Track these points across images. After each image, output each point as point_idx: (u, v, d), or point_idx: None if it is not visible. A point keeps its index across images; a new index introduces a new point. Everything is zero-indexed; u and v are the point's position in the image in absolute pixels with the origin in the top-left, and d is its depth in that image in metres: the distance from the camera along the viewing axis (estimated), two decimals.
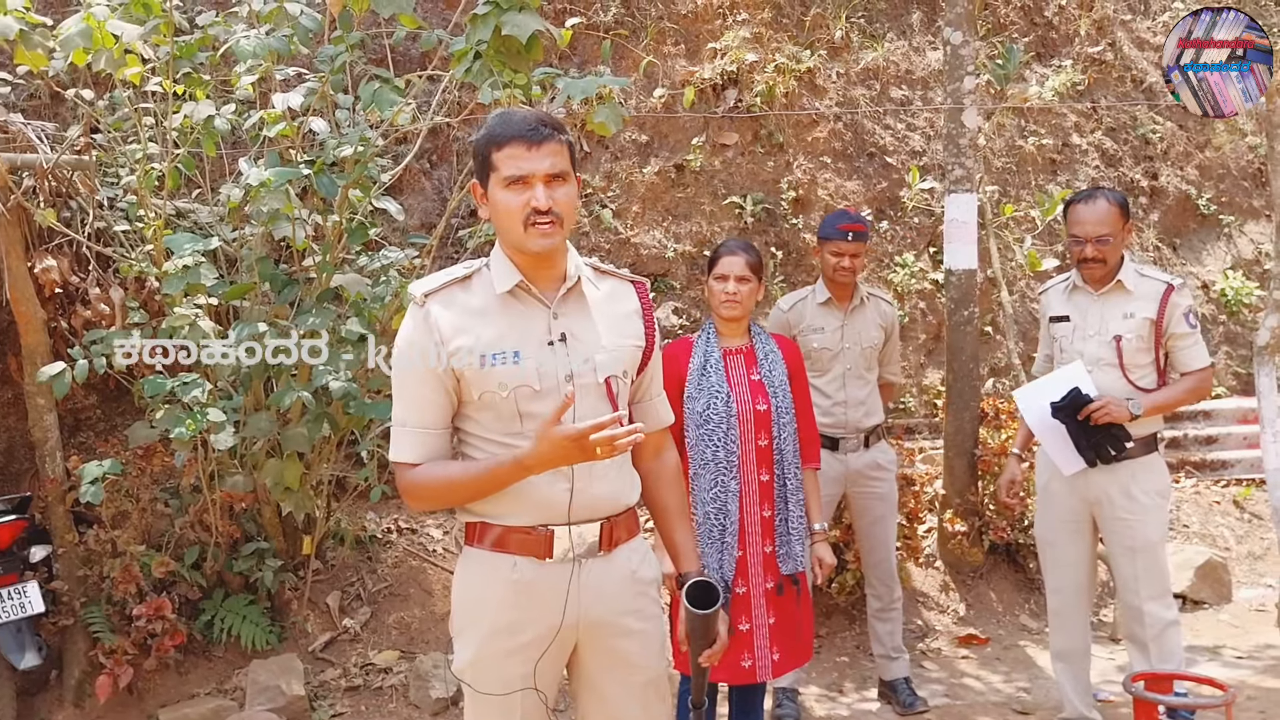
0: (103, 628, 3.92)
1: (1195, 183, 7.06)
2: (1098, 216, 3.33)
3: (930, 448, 5.47)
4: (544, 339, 2.01)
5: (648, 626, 2.12)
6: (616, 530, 2.07)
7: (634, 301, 2.18)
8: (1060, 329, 3.52)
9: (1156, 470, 3.40)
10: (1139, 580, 3.35)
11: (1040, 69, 6.94)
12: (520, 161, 1.94)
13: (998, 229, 6.23)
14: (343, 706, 4.05)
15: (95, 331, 3.80)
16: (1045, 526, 3.58)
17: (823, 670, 4.42)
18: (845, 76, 6.33)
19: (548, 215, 1.94)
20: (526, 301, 2.04)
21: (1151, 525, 3.35)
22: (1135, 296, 3.36)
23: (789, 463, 3.10)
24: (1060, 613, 3.57)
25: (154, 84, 3.62)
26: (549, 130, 1.96)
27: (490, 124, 2.01)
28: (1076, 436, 3.31)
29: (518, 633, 2.01)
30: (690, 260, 5.77)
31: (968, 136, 4.89)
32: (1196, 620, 4.93)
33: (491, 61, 3.06)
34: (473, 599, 2.06)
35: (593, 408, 2.01)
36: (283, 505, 4.09)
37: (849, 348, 3.90)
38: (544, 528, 2.01)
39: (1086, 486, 3.41)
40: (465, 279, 2.05)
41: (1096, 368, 3.37)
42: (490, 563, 2.04)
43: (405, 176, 5.40)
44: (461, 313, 2.01)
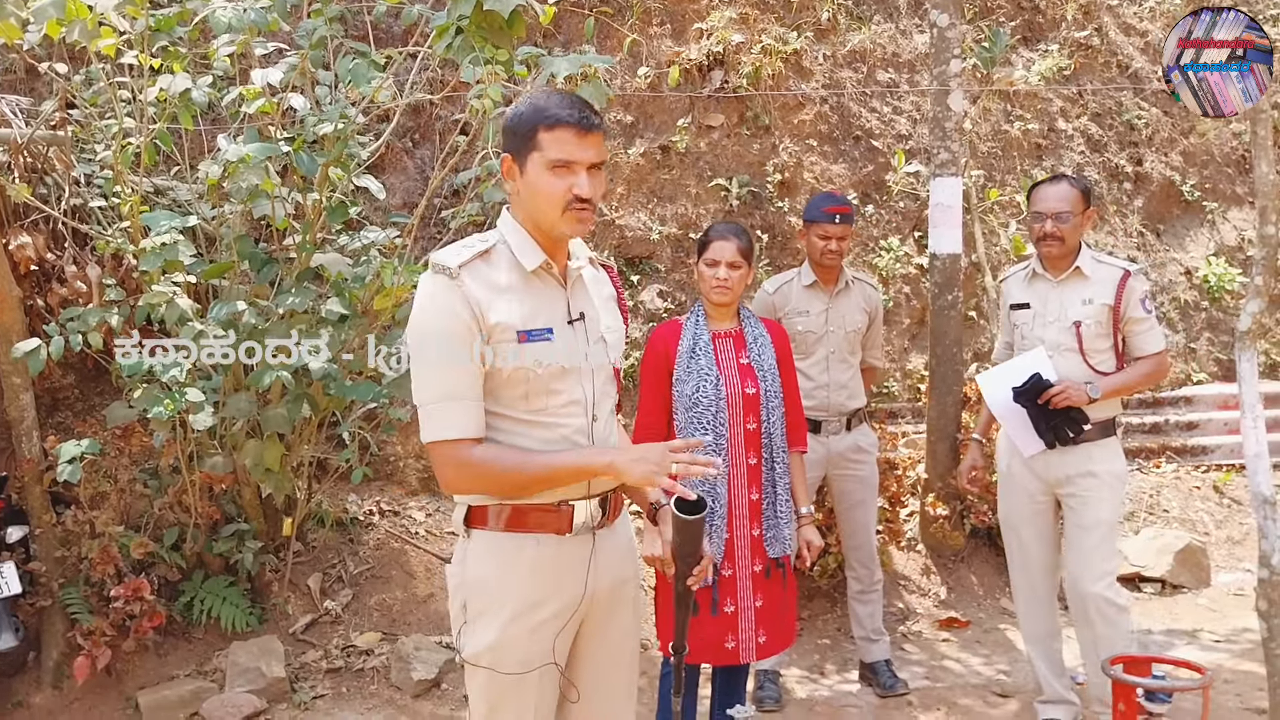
0: (81, 609, 3.89)
1: (1179, 169, 7.07)
2: (1059, 194, 3.43)
3: (913, 432, 5.48)
4: (565, 318, 2.04)
5: (639, 594, 2.21)
6: (616, 503, 2.13)
7: (609, 286, 2.22)
8: (1020, 316, 3.59)
9: (1113, 453, 3.48)
10: (1088, 559, 3.39)
11: (1027, 53, 6.92)
12: (570, 147, 1.94)
13: (983, 214, 6.23)
14: (324, 688, 4.03)
15: (72, 309, 3.75)
16: (1008, 509, 3.65)
17: (804, 652, 4.43)
18: (832, 59, 6.30)
19: (587, 204, 1.96)
20: (547, 281, 2.05)
21: (1106, 504, 3.41)
22: (1093, 282, 3.43)
23: (777, 446, 3.10)
24: (1026, 595, 3.65)
25: (130, 57, 3.56)
26: (598, 121, 1.98)
27: (540, 101, 1.99)
28: (1036, 419, 3.41)
29: (541, 609, 2.03)
30: (675, 243, 5.75)
31: (953, 120, 4.87)
32: (1175, 604, 4.97)
33: (473, 37, 3.01)
34: (491, 581, 2.04)
35: (604, 385, 2.09)
36: (263, 487, 4.06)
37: (833, 331, 3.89)
38: (565, 504, 2.03)
39: (1046, 467, 3.48)
40: (486, 253, 2.02)
41: (1057, 353, 3.44)
42: (507, 544, 2.03)
43: (387, 155, 5.36)
44: (489, 288, 1.98)
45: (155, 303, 3.46)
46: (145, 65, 3.61)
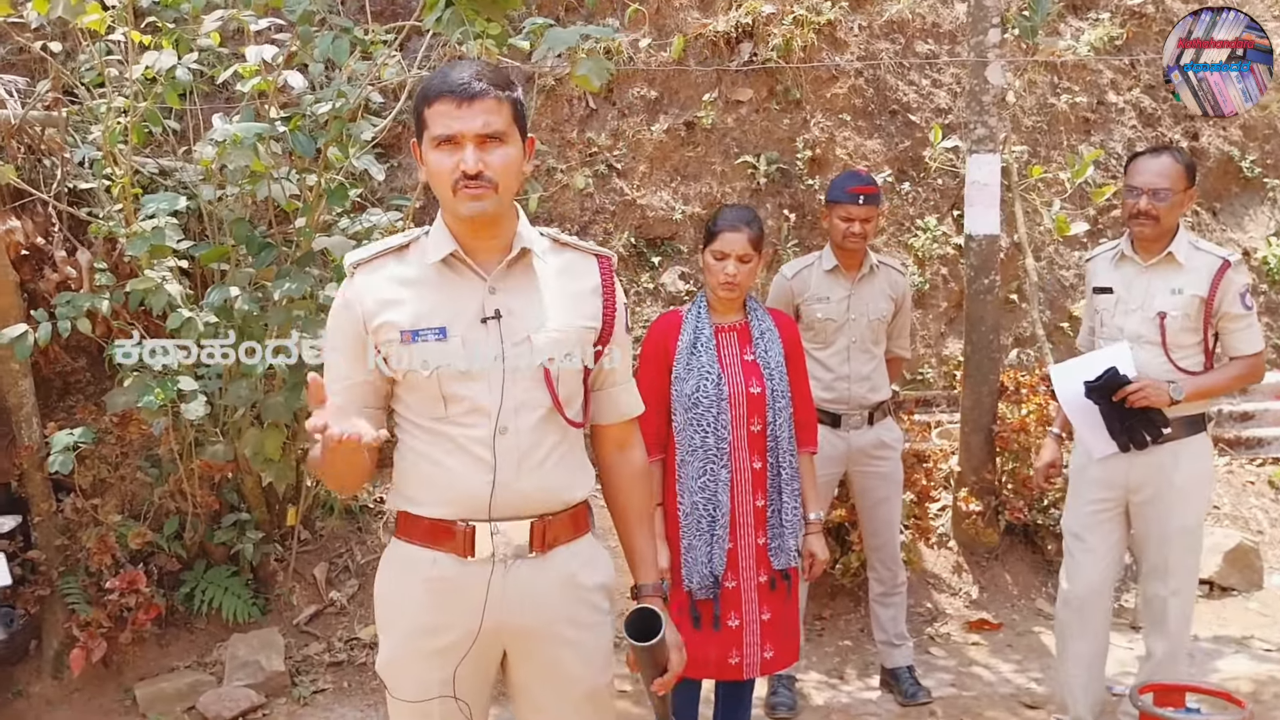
0: (79, 599, 3.82)
1: (1238, 144, 6.67)
2: (1159, 169, 3.08)
3: (947, 421, 5.23)
4: (477, 315, 1.83)
5: (585, 636, 1.93)
6: (552, 530, 1.88)
7: (594, 277, 1.96)
8: (1103, 301, 3.26)
9: (1201, 454, 3.16)
10: (1168, 570, 3.14)
11: (1076, 22, 6.56)
12: (449, 120, 1.75)
13: (1024, 191, 5.92)
14: (324, 682, 3.94)
15: (65, 294, 3.65)
16: (1075, 515, 3.31)
17: (823, 655, 4.24)
18: (868, 29, 6.01)
19: (477, 179, 1.76)
20: (462, 273, 1.85)
21: (1189, 511, 3.13)
22: (1186, 271, 3.11)
23: (784, 450, 2.89)
24: (1082, 609, 3.29)
25: (120, 34, 3.43)
26: (483, 86, 1.76)
27: (430, 78, 1.83)
28: (1109, 419, 3.10)
29: (436, 635, 1.85)
30: (699, 223, 5.53)
31: (991, 93, 4.59)
32: (1224, 608, 4.69)
33: (463, 10, 2.83)
34: (392, 594, 1.92)
35: (527, 393, 1.83)
36: (264, 476, 3.95)
37: (855, 319, 3.67)
38: (465, 523, 1.83)
39: (1120, 470, 3.17)
40: (402, 248, 1.90)
41: (1137, 345, 3.11)
42: (411, 556, 1.88)
43: (402, 135, 5.20)
44: (391, 284, 1.85)
45: (144, 289, 3.34)
46: (135, 42, 3.49)
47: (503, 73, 1.85)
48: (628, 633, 1.90)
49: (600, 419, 2.01)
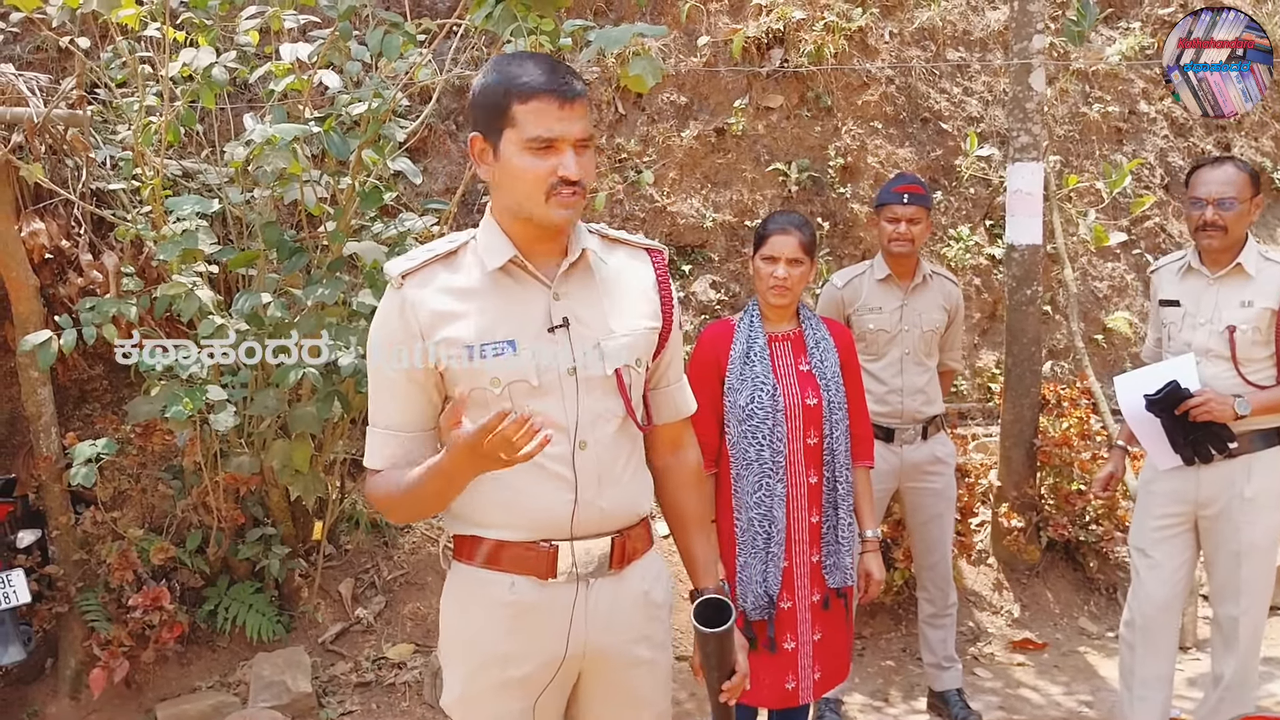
0: (99, 616, 3.69)
1: (1271, 155, 6.59)
2: (1223, 178, 2.98)
3: (984, 435, 5.11)
4: (543, 325, 1.70)
5: (658, 656, 1.84)
6: (630, 544, 1.77)
7: (649, 274, 1.84)
8: (1170, 314, 3.16)
9: (1275, 467, 3.02)
10: (1240, 590, 3.03)
11: (1107, 31, 6.47)
12: (550, 121, 1.61)
13: (1060, 201, 5.82)
14: (353, 704, 3.79)
15: (88, 299, 3.52)
16: (1141, 531, 3.19)
17: (866, 676, 4.11)
18: (899, 36, 5.91)
19: (575, 186, 1.63)
20: (522, 280, 1.72)
21: (1261, 527, 3.00)
22: (1256, 282, 3.00)
23: (840, 464, 2.77)
24: (1148, 629, 3.17)
25: (154, 29, 3.31)
26: (581, 87, 1.64)
27: (505, 68, 1.65)
28: (1172, 432, 3.00)
29: (515, 665, 1.73)
30: (730, 230, 5.42)
31: (1035, 100, 4.49)
32: (1272, 628, 4.56)
33: (514, 6, 2.71)
34: (462, 624, 1.77)
35: (601, 403, 1.72)
36: (291, 489, 3.82)
37: (908, 330, 3.55)
38: (546, 543, 1.70)
39: (1188, 484, 3.06)
40: (450, 254, 1.74)
41: (1205, 359, 3.01)
42: (483, 582, 1.74)
43: (429, 138, 5.09)
44: (445, 296, 1.70)
45: (174, 294, 3.22)
46: (169, 39, 3.36)
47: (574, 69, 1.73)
48: (696, 621, 1.80)
49: (657, 419, 1.91)
